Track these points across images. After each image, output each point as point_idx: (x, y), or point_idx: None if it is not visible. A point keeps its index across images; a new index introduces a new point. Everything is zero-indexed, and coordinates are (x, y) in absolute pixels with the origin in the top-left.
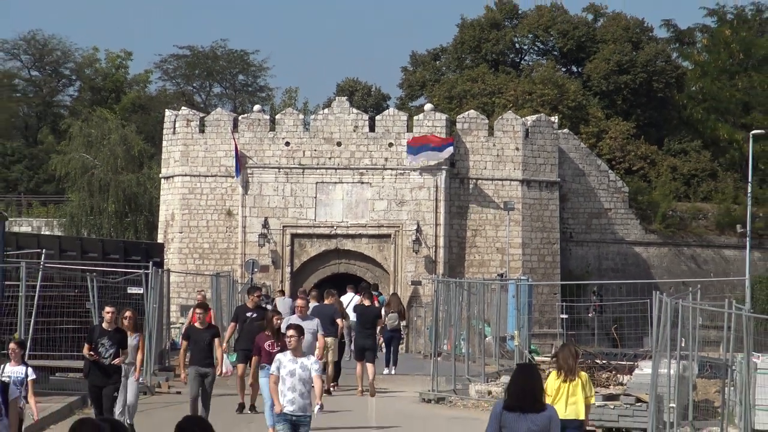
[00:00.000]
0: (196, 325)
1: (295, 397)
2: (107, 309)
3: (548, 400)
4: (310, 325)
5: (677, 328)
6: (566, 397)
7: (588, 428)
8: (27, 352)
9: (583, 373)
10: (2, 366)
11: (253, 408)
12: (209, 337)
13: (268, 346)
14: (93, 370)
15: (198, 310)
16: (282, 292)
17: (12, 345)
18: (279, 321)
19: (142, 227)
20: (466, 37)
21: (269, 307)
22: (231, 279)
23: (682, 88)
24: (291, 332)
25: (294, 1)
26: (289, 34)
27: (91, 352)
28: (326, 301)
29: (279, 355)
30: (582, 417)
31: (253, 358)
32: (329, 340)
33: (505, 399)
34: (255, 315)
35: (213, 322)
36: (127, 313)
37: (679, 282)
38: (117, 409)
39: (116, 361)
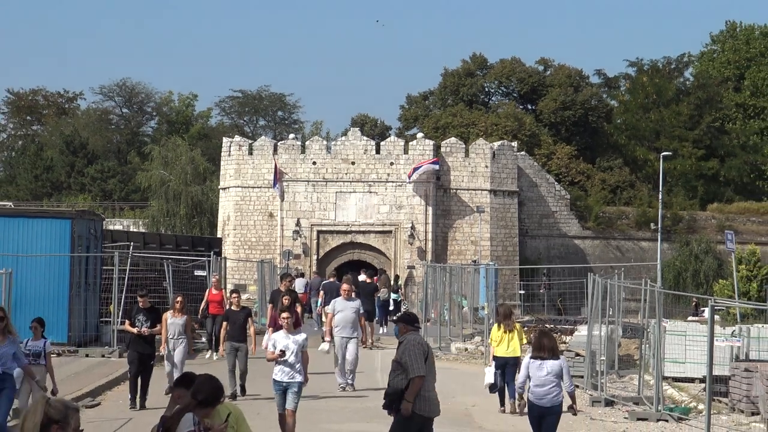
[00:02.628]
0: (233, 307)
1: (283, 368)
2: (140, 296)
3: (493, 345)
4: (354, 305)
5: (606, 300)
6: (507, 342)
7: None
8: (118, 319)
9: (517, 324)
10: (26, 340)
11: None
12: (243, 317)
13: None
14: (134, 341)
15: (234, 295)
16: (302, 275)
17: (33, 324)
18: (287, 300)
19: (205, 226)
20: (447, 82)
21: (299, 281)
22: (272, 265)
23: (610, 120)
24: (285, 314)
25: (320, 57)
26: (316, 80)
27: (135, 328)
28: (329, 279)
29: (274, 334)
30: (518, 355)
31: (269, 329)
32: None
33: (531, 353)
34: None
35: (223, 301)
36: (179, 298)
37: (607, 266)
38: (166, 369)
39: (145, 330)
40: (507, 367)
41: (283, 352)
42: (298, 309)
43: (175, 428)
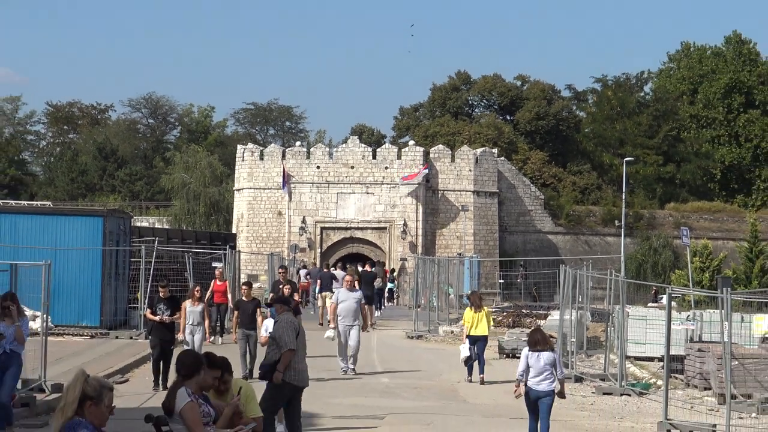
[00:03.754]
0: (243, 298)
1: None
2: (161, 287)
3: (466, 325)
4: (356, 296)
5: (576, 289)
6: (477, 322)
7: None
8: (145, 305)
9: (485, 308)
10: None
11: None
12: (253, 307)
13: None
14: (155, 328)
15: (244, 287)
16: (305, 266)
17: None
18: (289, 290)
19: (221, 222)
20: (436, 96)
21: (302, 272)
22: (280, 257)
23: (579, 129)
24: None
25: (323, 73)
26: (320, 94)
27: (157, 316)
28: (324, 269)
29: (265, 321)
30: (487, 333)
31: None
32: (327, 294)
33: (528, 345)
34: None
35: (228, 293)
36: (197, 288)
37: (577, 258)
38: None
39: (166, 318)
40: (478, 343)
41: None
42: (297, 297)
43: (173, 404)
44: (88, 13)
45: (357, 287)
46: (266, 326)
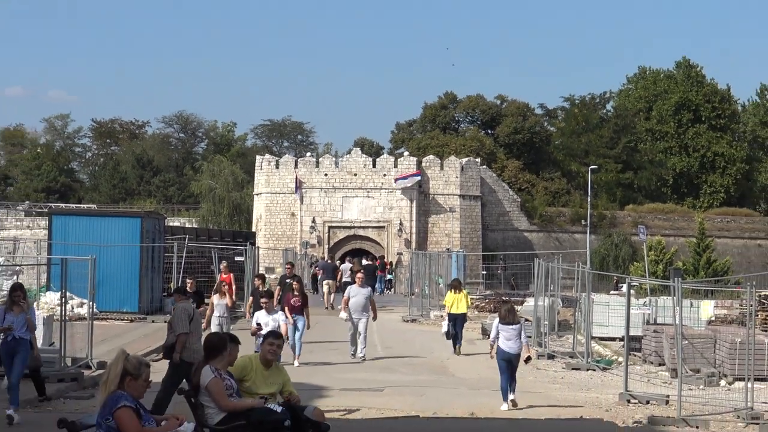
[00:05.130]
0: (259, 288)
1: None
2: (189, 280)
3: (447, 305)
4: (366, 291)
5: (548, 279)
6: (457, 302)
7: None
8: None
9: (464, 291)
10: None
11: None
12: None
13: (293, 301)
14: None
15: (258, 280)
16: (316, 260)
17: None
18: (297, 284)
19: (243, 222)
20: (427, 113)
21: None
22: (293, 252)
23: (550, 142)
24: (264, 300)
25: (330, 93)
26: (327, 111)
27: None
28: (328, 261)
29: (257, 313)
30: (465, 312)
31: (285, 308)
32: (330, 282)
33: (499, 319)
34: (291, 281)
35: (233, 285)
36: (224, 284)
37: (549, 253)
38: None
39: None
40: (457, 320)
41: (259, 326)
42: (297, 286)
43: (197, 381)
44: (128, 42)
45: (365, 283)
46: (256, 318)
